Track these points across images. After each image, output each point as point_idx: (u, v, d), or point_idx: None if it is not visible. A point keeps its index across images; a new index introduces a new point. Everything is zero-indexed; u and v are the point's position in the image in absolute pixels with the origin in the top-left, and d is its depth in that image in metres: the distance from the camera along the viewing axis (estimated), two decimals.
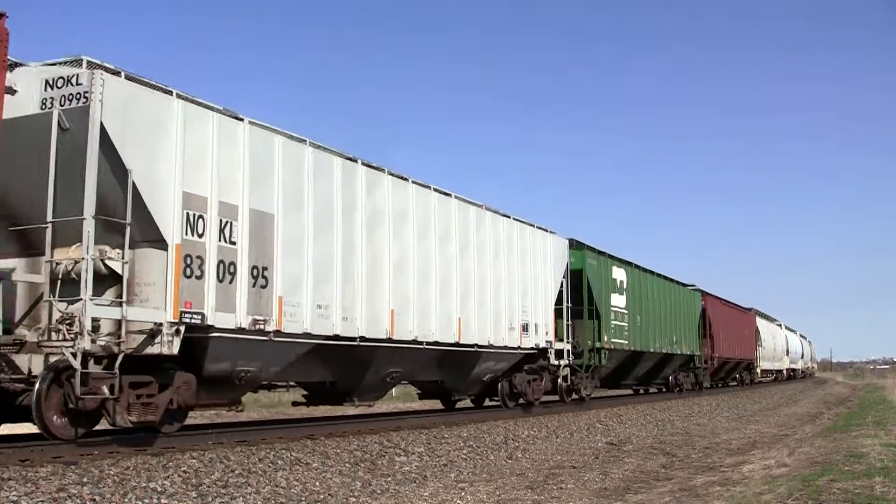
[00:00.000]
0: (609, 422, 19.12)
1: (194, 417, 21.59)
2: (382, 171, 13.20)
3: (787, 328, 64.78)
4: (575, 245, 21.29)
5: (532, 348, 17.76)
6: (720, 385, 41.34)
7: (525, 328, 17.39)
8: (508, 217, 17.20)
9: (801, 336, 75.76)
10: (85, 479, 7.68)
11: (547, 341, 18.52)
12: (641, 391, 31.05)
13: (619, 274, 23.78)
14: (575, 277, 20.59)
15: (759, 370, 47.12)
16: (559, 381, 19.50)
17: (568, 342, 19.46)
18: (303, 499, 8.85)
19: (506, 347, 16.59)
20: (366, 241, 12.47)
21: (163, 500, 7.77)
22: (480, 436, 14.28)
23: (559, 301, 19.42)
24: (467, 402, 19.15)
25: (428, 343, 13.86)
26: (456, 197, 15.15)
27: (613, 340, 22.45)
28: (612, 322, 22.58)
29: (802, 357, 71.48)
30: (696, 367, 32.05)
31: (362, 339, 12.22)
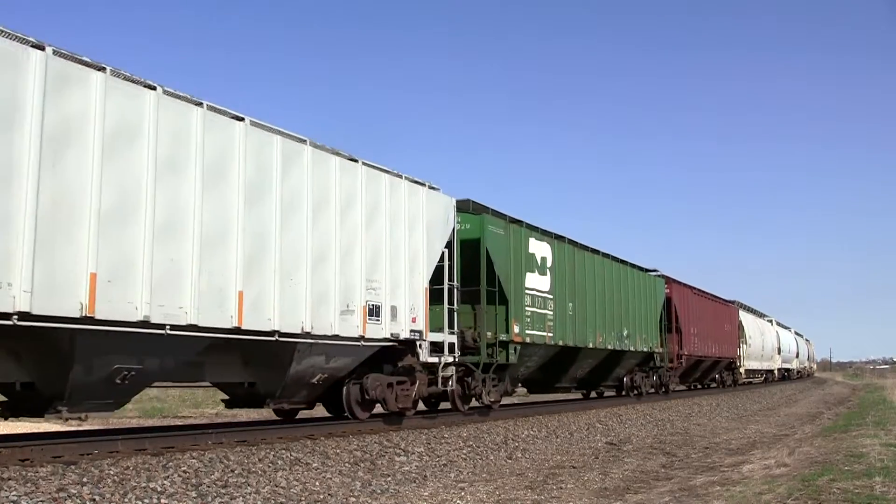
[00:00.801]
0: (609, 421, 19.12)
1: (194, 417, 21.65)
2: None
3: (779, 324, 60.22)
4: (472, 208, 16.67)
5: (387, 339, 12.90)
6: (695, 387, 37.15)
7: (373, 312, 12.58)
8: (356, 161, 12.48)
9: (797, 334, 70.94)
10: (85, 479, 7.69)
11: (414, 331, 13.48)
12: (593, 395, 26.42)
13: (539, 249, 18.54)
14: (471, 250, 15.99)
15: (742, 370, 42.58)
16: (451, 384, 14.88)
17: (452, 333, 14.76)
18: (303, 499, 8.86)
19: (337, 337, 11.81)
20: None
21: (163, 500, 7.77)
22: (480, 436, 14.28)
23: (439, 279, 14.59)
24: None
25: (175, 327, 9.26)
26: (252, 122, 10.63)
27: (529, 332, 17.46)
28: (528, 309, 17.50)
29: (798, 356, 66.76)
30: (659, 367, 27.13)
31: (26, 316, 7.78)
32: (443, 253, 14.68)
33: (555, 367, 20.49)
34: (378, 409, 13.75)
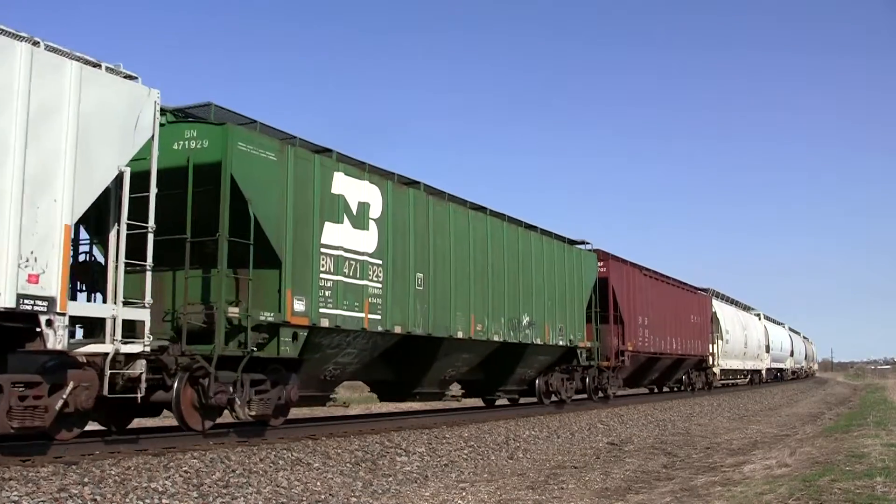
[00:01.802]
0: (610, 422, 19.11)
1: None
2: None
3: (768, 319, 53.31)
4: (213, 115, 11.16)
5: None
6: (654, 391, 30.94)
7: None
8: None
9: (791, 330, 64.07)
10: (86, 480, 7.69)
11: (29, 297, 7.81)
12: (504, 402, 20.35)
13: (356, 191, 12.64)
14: (213, 179, 10.51)
15: (716, 370, 35.19)
16: (140, 391, 9.04)
17: (135, 305, 8.99)
18: (304, 499, 8.86)
19: None
20: None
21: (164, 500, 7.77)
22: (481, 436, 14.27)
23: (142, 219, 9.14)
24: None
25: None
26: None
27: (329, 312, 11.78)
28: (326, 277, 11.79)
29: (793, 354, 59.65)
30: (587, 367, 21.16)
31: None
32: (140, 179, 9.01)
33: (402, 364, 14.83)
34: None
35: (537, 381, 19.43)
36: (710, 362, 34.39)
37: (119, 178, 8.91)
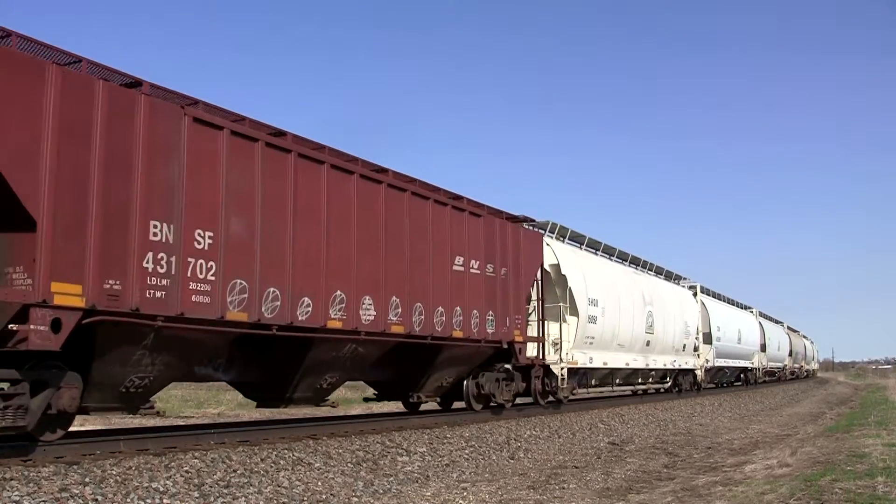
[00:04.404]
0: (611, 422, 19.10)
1: (196, 417, 21.66)
2: None
3: (724, 300, 40.53)
4: None
5: None
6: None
7: None
8: None
9: (763, 317, 49.85)
10: (87, 479, 7.69)
11: None
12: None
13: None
14: None
15: (558, 369, 19.32)
16: None
17: None
18: (305, 499, 8.86)
19: None
20: None
21: (165, 500, 7.78)
22: (483, 436, 14.27)
23: None
24: None
25: None
26: None
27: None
28: None
29: (762, 349, 45.02)
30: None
31: None
32: None
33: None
34: None
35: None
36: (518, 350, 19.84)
37: None
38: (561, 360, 19.11)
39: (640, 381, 26.03)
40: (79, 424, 12.38)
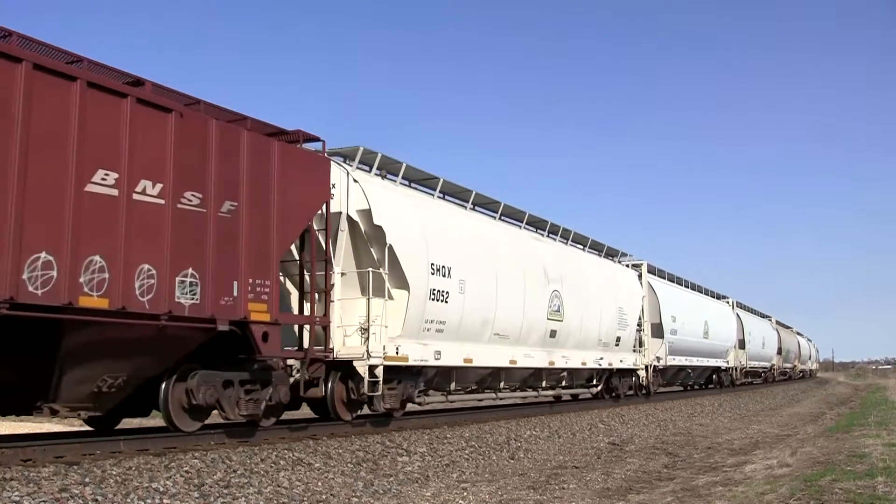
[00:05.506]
0: (611, 422, 19.10)
1: None
2: None
3: (686, 286, 33.37)
4: None
5: None
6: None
7: None
8: None
9: (743, 308, 43.42)
10: (87, 480, 7.69)
11: None
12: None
13: None
14: None
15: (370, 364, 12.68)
16: None
17: None
18: (305, 499, 8.86)
19: None
20: None
21: (165, 501, 7.78)
22: (483, 436, 14.27)
23: None
24: None
25: None
26: None
27: None
28: None
29: (740, 346, 38.68)
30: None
31: None
32: None
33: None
34: None
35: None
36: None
37: None
38: (369, 354, 12.50)
39: (543, 384, 19.10)
40: (78, 425, 12.38)
